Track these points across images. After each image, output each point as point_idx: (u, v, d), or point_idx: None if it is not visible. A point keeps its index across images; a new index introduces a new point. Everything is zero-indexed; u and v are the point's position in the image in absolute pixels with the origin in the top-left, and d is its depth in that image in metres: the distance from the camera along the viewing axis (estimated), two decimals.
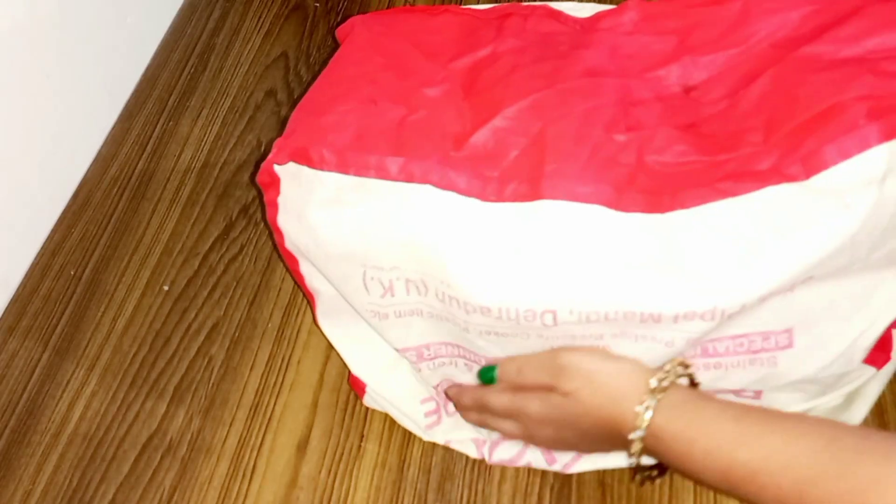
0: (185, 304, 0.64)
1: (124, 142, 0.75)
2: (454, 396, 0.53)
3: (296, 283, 0.56)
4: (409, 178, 0.45)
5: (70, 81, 0.71)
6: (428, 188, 0.45)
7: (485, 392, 0.49)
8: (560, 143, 0.45)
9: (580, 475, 0.54)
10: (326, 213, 0.48)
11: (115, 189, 0.72)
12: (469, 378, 0.53)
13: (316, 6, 0.84)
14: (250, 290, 0.65)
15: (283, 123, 0.74)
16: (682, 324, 0.43)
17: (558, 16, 0.54)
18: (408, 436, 0.57)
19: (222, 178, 0.72)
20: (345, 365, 0.60)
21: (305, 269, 0.53)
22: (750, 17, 0.49)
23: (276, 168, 0.48)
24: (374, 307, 0.50)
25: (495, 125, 0.47)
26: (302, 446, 0.57)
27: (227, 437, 0.58)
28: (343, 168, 0.46)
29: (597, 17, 0.53)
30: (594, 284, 0.43)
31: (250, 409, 0.59)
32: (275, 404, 0.59)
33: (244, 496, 0.55)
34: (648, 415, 0.41)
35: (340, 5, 0.84)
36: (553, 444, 0.48)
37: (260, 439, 0.57)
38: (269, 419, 0.58)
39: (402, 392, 0.56)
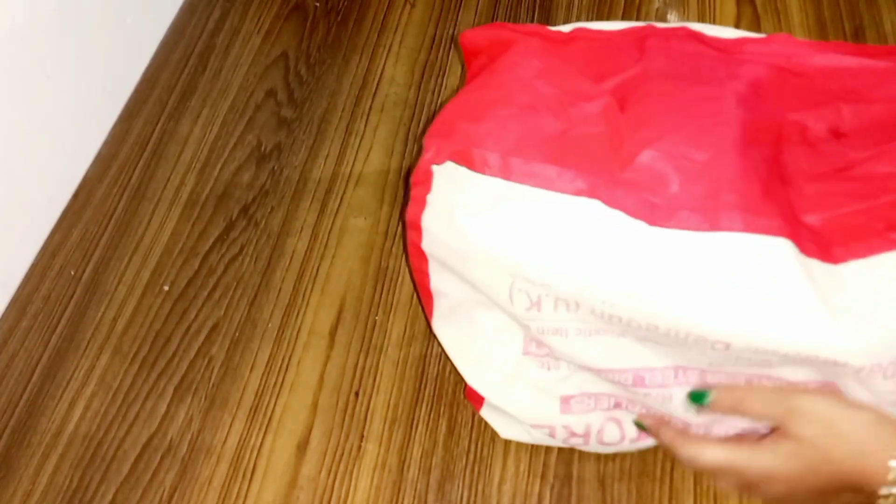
0: (185, 304, 0.64)
1: (124, 142, 0.75)
2: (651, 427, 0.50)
3: (414, 282, 0.54)
4: (578, 192, 0.44)
5: (70, 81, 0.71)
6: (595, 204, 0.44)
7: (693, 441, 0.47)
8: (728, 175, 0.44)
9: (580, 475, 0.54)
10: (480, 217, 0.46)
11: (115, 189, 0.72)
12: (603, 388, 0.50)
13: (316, 6, 0.84)
14: (250, 290, 0.65)
15: (282, 123, 0.74)
16: (867, 380, 0.42)
17: (700, 37, 0.52)
18: (408, 436, 0.57)
19: (222, 178, 0.72)
20: (352, 367, 0.60)
21: (434, 268, 0.51)
22: None
23: (433, 167, 0.47)
24: (518, 318, 0.48)
25: (658, 149, 0.46)
26: (302, 447, 0.57)
27: (227, 437, 0.58)
28: (506, 174, 0.45)
29: (741, 42, 0.52)
30: (773, 322, 0.42)
31: (250, 410, 0.59)
32: (275, 405, 0.59)
33: (244, 496, 0.55)
34: None
35: (340, 5, 0.84)
36: (778, 500, 0.46)
37: (260, 440, 0.57)
38: (269, 420, 0.58)
39: (520, 409, 0.53)
